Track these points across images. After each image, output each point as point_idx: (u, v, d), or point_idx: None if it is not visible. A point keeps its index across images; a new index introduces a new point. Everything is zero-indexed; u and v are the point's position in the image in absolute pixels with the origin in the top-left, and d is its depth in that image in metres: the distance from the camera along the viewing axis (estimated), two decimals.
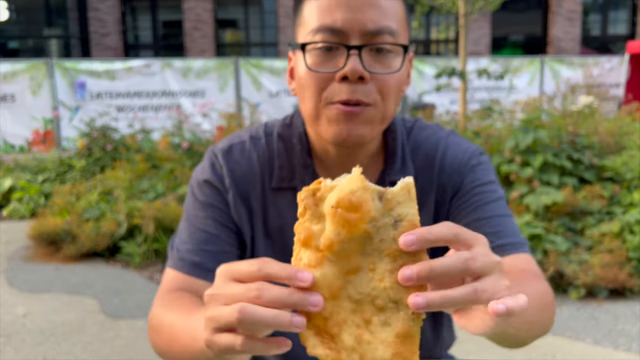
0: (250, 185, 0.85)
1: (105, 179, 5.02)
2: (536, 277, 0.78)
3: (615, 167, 3.97)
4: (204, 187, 0.87)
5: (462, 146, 0.88)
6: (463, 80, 5.56)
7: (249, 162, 0.86)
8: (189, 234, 0.85)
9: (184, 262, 0.82)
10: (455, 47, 13.94)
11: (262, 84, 9.86)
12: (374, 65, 0.73)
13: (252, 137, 0.89)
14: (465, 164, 0.86)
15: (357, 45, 0.71)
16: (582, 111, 4.88)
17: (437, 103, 8.73)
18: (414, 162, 0.87)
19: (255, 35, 14.17)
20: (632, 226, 3.42)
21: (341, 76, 0.72)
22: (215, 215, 0.85)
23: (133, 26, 13.99)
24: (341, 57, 0.72)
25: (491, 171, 0.89)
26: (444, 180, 0.86)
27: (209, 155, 0.89)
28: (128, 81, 9.46)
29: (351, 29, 0.72)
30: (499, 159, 4.04)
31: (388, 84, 0.74)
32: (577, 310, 3.06)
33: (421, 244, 0.46)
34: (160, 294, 0.82)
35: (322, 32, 0.73)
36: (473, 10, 5.55)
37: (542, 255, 3.32)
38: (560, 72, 10.31)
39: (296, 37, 0.79)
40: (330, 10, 0.73)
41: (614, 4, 14.32)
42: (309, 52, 0.74)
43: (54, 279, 3.70)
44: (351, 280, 0.47)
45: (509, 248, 0.80)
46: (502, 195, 0.87)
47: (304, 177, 0.84)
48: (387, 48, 0.73)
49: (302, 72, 0.75)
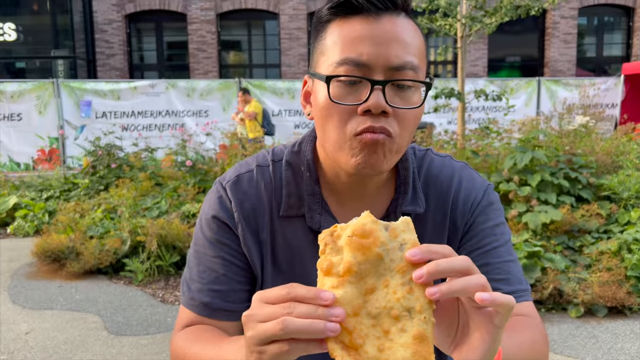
0: (259, 216, 0.86)
1: (110, 196, 5.08)
2: (534, 324, 0.82)
3: (612, 186, 4.02)
4: (212, 223, 0.87)
5: (476, 183, 0.90)
6: (461, 101, 5.66)
7: (256, 192, 0.87)
8: (198, 272, 0.87)
9: (195, 302, 0.86)
10: (453, 69, 14.13)
11: (264, 103, 10.01)
12: (395, 100, 0.75)
13: (258, 165, 0.90)
14: (479, 203, 0.89)
15: (381, 80, 0.73)
16: (579, 131, 4.95)
17: (436, 123, 8.85)
18: (427, 195, 0.88)
19: (258, 57, 14.39)
20: (630, 245, 3.46)
21: (364, 109, 0.74)
22: (224, 253, 0.86)
23: (138, 47, 14.23)
24: (364, 90, 0.74)
25: (501, 211, 0.92)
26: (457, 216, 0.88)
27: (217, 188, 0.89)
28: (133, 101, 9.61)
29: (376, 63, 0.73)
30: (498, 178, 4.09)
31: (408, 117, 0.76)
32: (576, 329, 3.08)
33: (423, 254, 0.55)
34: (179, 327, 0.87)
35: (346, 64, 0.74)
36: (470, 33, 5.68)
37: (541, 273, 3.35)
38: (557, 93, 10.46)
39: (315, 63, 0.80)
40: (356, 43, 0.74)
41: (608, 27, 14.57)
42: (332, 84, 0.75)
43: (57, 296, 3.73)
44: (369, 298, 0.56)
45: (515, 296, 0.82)
46: (510, 237, 0.90)
47: (312, 205, 0.85)
48: (409, 84, 0.75)
49: (324, 102, 0.77)
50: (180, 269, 4.17)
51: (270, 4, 13.58)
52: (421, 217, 0.87)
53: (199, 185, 5.36)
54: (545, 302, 3.31)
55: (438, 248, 0.56)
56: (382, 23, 0.75)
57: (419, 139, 5.68)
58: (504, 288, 0.84)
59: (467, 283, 0.54)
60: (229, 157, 5.72)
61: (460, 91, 5.64)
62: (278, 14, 13.59)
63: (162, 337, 3.10)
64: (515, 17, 5.48)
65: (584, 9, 13.95)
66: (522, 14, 5.49)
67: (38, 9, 13.65)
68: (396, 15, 0.76)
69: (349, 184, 0.85)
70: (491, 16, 5.48)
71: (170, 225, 4.17)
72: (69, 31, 13.14)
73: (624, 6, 14.05)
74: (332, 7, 0.77)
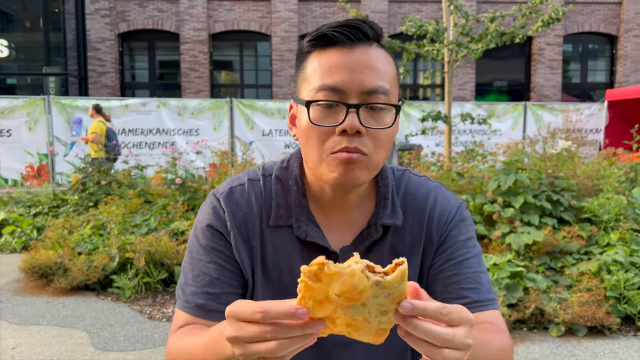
0: (250, 225, 0.93)
1: (99, 213, 5.09)
2: (502, 332, 0.89)
3: (592, 209, 4.13)
4: (206, 232, 0.93)
5: (450, 200, 0.99)
6: (448, 124, 5.80)
7: (248, 203, 0.94)
8: (193, 277, 0.92)
9: (189, 304, 0.91)
10: (442, 92, 14.41)
11: (255, 123, 10.10)
12: (369, 121, 0.83)
13: (250, 179, 0.97)
14: (452, 218, 0.97)
15: (355, 104, 0.82)
16: (562, 155, 5.09)
17: (423, 145, 9.00)
18: (405, 210, 0.96)
19: (250, 77, 14.56)
20: (609, 266, 3.55)
21: (341, 130, 0.82)
22: (218, 259, 0.92)
23: (130, 66, 14.34)
24: (341, 113, 0.82)
25: (472, 227, 1.00)
26: (432, 230, 0.96)
27: (211, 199, 0.96)
28: (124, 119, 9.65)
29: (350, 88, 0.82)
30: (482, 199, 4.18)
31: (381, 137, 0.84)
32: (557, 347, 3.15)
33: (415, 313, 0.58)
34: (174, 329, 0.92)
35: (324, 90, 0.83)
36: (457, 59, 5.86)
37: (523, 292, 3.42)
38: (543, 117, 10.70)
39: (299, 90, 0.90)
40: (332, 71, 0.82)
41: (593, 55, 15.01)
42: (312, 108, 0.84)
43: (44, 312, 3.72)
44: (347, 310, 0.59)
45: (484, 305, 0.92)
46: (480, 251, 0.98)
47: (299, 216, 0.92)
48: (381, 107, 0.84)
49: (305, 124, 0.86)
50: (169, 286, 4.18)
51: (262, 26, 13.82)
52: (399, 229, 0.95)
53: (188, 203, 5.40)
54: (527, 321, 3.38)
55: (431, 310, 0.58)
56: (356, 53, 0.84)
57: (407, 160, 5.80)
58: (474, 296, 0.91)
59: (434, 335, 0.58)
60: (218, 175, 5.77)
61: (447, 114, 5.78)
62: (270, 36, 13.82)
63: (149, 353, 3.11)
64: (500, 44, 5.67)
65: (568, 36, 14.37)
66: (507, 40, 5.68)
67: (31, 26, 13.76)
68: (369, 46, 0.86)
69: (332, 197, 0.92)
70: (477, 42, 5.67)
71: (159, 242, 4.19)
72: (61, 48, 13.22)
73: (608, 34, 14.50)
74: (312, 40, 0.87)
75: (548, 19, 5.51)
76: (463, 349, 0.60)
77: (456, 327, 0.60)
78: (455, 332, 0.59)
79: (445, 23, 5.80)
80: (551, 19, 5.50)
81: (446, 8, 5.80)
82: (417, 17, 5.76)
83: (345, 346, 0.93)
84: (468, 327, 0.61)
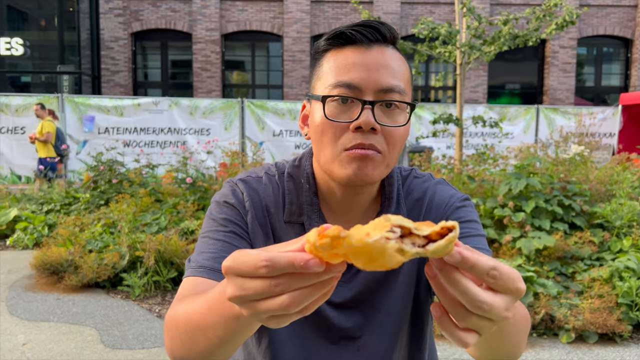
0: (266, 212, 0.93)
1: (110, 211, 5.13)
2: (520, 304, 0.87)
3: (605, 214, 4.08)
4: (224, 207, 0.91)
5: (449, 192, 0.99)
6: (459, 127, 5.76)
7: (266, 193, 0.95)
8: (208, 246, 0.87)
9: (204, 269, 0.83)
10: (454, 94, 14.33)
11: (266, 123, 10.12)
12: (383, 119, 0.84)
13: (266, 173, 0.98)
14: (451, 205, 0.96)
15: (370, 100, 0.83)
16: (574, 159, 5.04)
17: (434, 147, 8.95)
18: (409, 208, 0.97)
19: (261, 78, 14.61)
20: (621, 272, 3.50)
21: (355, 126, 0.83)
22: (235, 229, 0.90)
23: (143, 65, 14.46)
24: (356, 109, 0.83)
25: (475, 213, 0.98)
26: (431, 218, 0.95)
27: (229, 183, 0.95)
28: (136, 117, 9.73)
29: (366, 86, 0.83)
30: (493, 203, 4.15)
31: (394, 135, 0.85)
32: (567, 354, 3.11)
33: (461, 266, 0.50)
34: (176, 301, 0.80)
35: (340, 87, 0.84)
36: (469, 61, 5.82)
37: (534, 298, 3.39)
38: (555, 121, 10.60)
39: (313, 88, 0.90)
40: (348, 68, 0.83)
41: (607, 58, 14.83)
42: (327, 104, 0.85)
43: (55, 309, 3.76)
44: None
45: None
46: (485, 235, 0.96)
47: (311, 214, 0.93)
48: (396, 104, 0.85)
49: (320, 120, 0.86)
50: (177, 285, 4.20)
51: (274, 27, 13.85)
52: None
53: (199, 202, 5.42)
54: (537, 327, 3.35)
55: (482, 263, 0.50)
56: (373, 52, 0.85)
57: (418, 162, 5.77)
58: None
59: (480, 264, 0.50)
60: (229, 175, 5.79)
61: (458, 117, 5.74)
62: (282, 37, 13.85)
63: (158, 352, 3.13)
64: (513, 46, 5.63)
65: (583, 39, 14.23)
66: (520, 43, 5.64)
67: (46, 24, 13.92)
68: (385, 47, 0.87)
69: (343, 197, 0.93)
70: (490, 45, 5.63)
71: (168, 241, 4.22)
72: (75, 47, 13.36)
73: (623, 37, 14.33)
74: (329, 38, 0.88)
75: (562, 21, 5.45)
76: (496, 320, 0.52)
77: (499, 294, 0.51)
78: (495, 302, 0.51)
79: (458, 25, 5.77)
80: (565, 22, 5.44)
81: (459, 10, 5.77)
82: (429, 19, 5.74)
83: (356, 339, 0.94)
84: (513, 298, 0.52)
